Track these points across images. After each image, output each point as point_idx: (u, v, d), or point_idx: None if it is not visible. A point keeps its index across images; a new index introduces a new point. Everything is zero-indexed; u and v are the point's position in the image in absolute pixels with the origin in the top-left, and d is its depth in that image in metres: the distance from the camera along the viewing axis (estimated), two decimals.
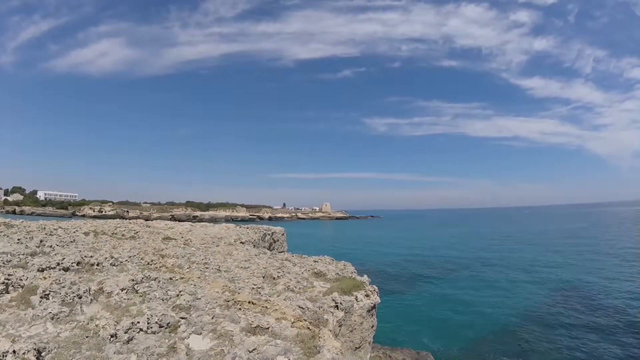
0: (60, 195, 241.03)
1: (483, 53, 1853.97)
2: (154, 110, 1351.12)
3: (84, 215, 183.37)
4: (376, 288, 12.45)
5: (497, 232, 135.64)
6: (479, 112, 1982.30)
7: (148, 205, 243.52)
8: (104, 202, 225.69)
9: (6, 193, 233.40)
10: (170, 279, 9.08)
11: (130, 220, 23.55)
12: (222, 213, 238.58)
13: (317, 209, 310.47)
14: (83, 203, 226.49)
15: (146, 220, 25.62)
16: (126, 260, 10.59)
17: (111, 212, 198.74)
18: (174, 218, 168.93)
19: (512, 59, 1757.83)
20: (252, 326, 6.54)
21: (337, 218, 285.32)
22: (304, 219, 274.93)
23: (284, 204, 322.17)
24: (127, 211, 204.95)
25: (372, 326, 12.10)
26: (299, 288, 10.71)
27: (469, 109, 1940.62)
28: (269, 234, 26.24)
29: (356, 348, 11.16)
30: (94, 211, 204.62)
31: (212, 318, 6.78)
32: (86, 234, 15.72)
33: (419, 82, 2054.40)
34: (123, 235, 16.97)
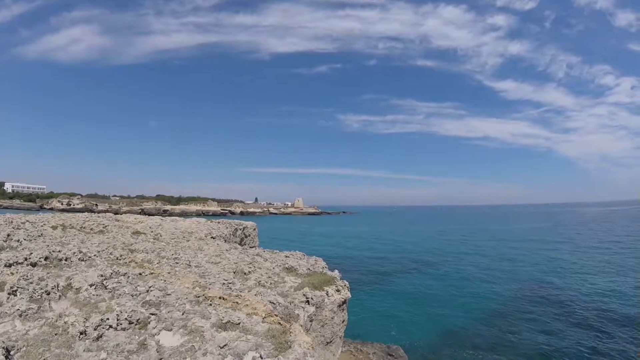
0: (28, 188, 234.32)
1: (458, 54, 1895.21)
2: (125, 101, 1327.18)
3: (52, 209, 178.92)
4: (347, 283, 12.67)
5: (466, 229, 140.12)
6: (451, 112, 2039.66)
7: (117, 198, 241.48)
8: (72, 195, 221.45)
9: None
10: (140, 274, 9.02)
11: (99, 214, 23.14)
12: (193, 207, 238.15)
13: (290, 204, 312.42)
14: (51, 196, 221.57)
15: (115, 214, 25.24)
16: (95, 255, 10.46)
17: (80, 205, 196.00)
18: (143, 212, 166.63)
19: (486, 61, 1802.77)
20: (223, 322, 6.60)
21: (309, 213, 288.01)
22: (276, 214, 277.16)
23: (256, 199, 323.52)
24: (96, 204, 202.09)
25: (343, 321, 12.31)
26: (270, 283, 10.83)
27: (442, 108, 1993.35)
28: (240, 229, 26.19)
29: (327, 343, 11.35)
30: (62, 204, 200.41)
31: (183, 314, 6.80)
32: (54, 227, 15.39)
33: (394, 80, 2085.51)
34: (92, 229, 16.68)
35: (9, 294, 6.53)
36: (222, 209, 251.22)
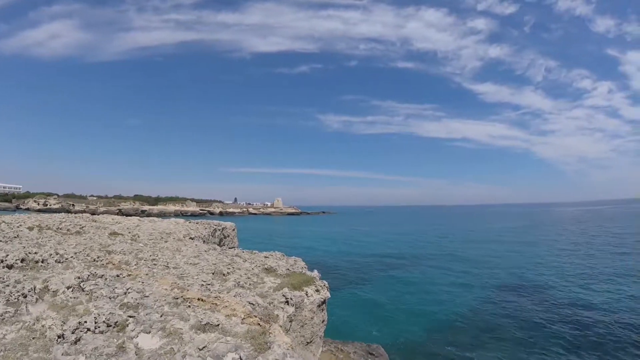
0: (4, 188, 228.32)
1: (439, 57, 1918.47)
2: (104, 98, 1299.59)
3: (28, 209, 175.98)
4: (326, 283, 12.83)
5: (444, 229, 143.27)
6: (430, 114, 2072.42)
7: (95, 198, 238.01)
8: (49, 194, 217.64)
9: None
10: (118, 276, 9.01)
11: (76, 215, 22.87)
12: (171, 207, 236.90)
13: (269, 204, 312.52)
14: (27, 196, 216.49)
15: (92, 214, 24.97)
16: (72, 257, 10.41)
17: (56, 206, 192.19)
18: (121, 212, 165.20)
19: (466, 64, 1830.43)
20: (202, 323, 6.64)
21: (289, 214, 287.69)
22: (255, 214, 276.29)
23: (236, 199, 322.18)
24: (73, 204, 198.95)
25: (323, 321, 12.46)
26: (250, 284, 10.91)
27: (422, 110, 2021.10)
28: (219, 230, 26.16)
29: (307, 343, 11.46)
30: (38, 204, 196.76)
31: (161, 316, 6.83)
32: (30, 228, 15.23)
33: (374, 81, 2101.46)
34: (68, 230, 16.53)
35: None
36: (201, 210, 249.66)
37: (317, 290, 12.01)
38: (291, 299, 10.44)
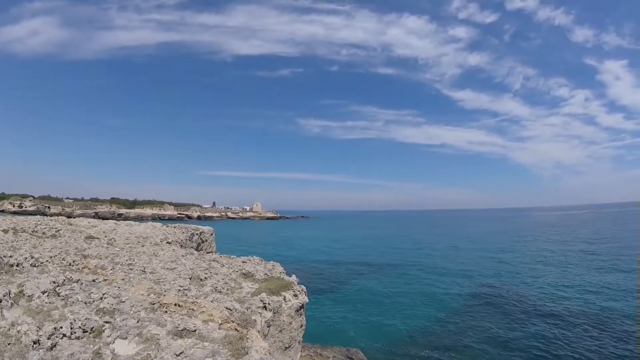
0: None
1: (419, 63, 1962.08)
2: (81, 98, 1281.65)
3: (2, 211, 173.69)
4: (304, 288, 12.95)
5: (421, 233, 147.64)
6: (410, 120, 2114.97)
7: (71, 201, 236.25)
8: (24, 196, 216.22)
9: None
10: (93, 280, 8.97)
11: (52, 217, 22.50)
12: (148, 211, 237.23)
13: (248, 208, 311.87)
14: (2, 197, 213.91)
15: (68, 217, 24.62)
16: (47, 261, 10.29)
17: (32, 208, 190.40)
18: (97, 215, 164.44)
19: (446, 71, 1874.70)
20: (179, 329, 6.65)
21: (268, 218, 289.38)
22: (234, 218, 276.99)
23: (214, 203, 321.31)
24: (49, 207, 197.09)
25: (301, 325, 12.55)
26: (227, 289, 10.95)
27: (401, 115, 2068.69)
28: (197, 234, 26.03)
29: (286, 348, 11.53)
30: (13, 206, 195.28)
31: (138, 322, 6.82)
32: (5, 231, 14.97)
33: (354, 86, 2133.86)
34: (44, 233, 16.29)
35: None
36: (178, 213, 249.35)
37: (295, 295, 12.11)
38: (269, 303, 10.47)
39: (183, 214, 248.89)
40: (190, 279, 11.34)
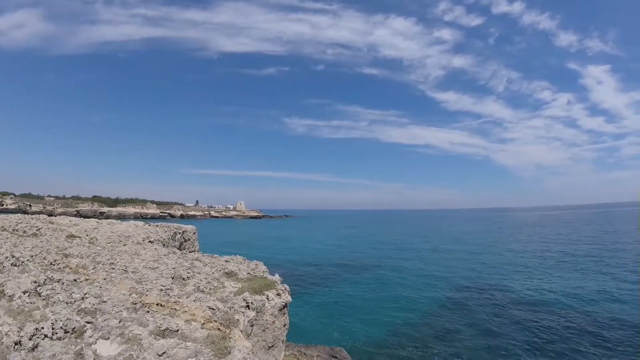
0: None
1: (404, 64, 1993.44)
2: (64, 93, 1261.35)
3: None
4: (287, 287, 13.05)
5: (404, 232, 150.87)
6: (394, 120, 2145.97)
7: (52, 199, 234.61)
8: (5, 194, 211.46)
9: None
10: (75, 280, 8.96)
11: (33, 216, 22.33)
12: (130, 210, 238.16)
13: (231, 207, 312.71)
14: None
15: (50, 215, 24.42)
16: (28, 260, 10.24)
17: (13, 206, 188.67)
18: (79, 214, 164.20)
19: (430, 72, 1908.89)
20: (161, 329, 6.66)
21: (252, 217, 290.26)
22: (217, 217, 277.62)
23: (197, 202, 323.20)
24: (30, 205, 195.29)
25: (285, 325, 12.63)
26: (210, 288, 11.00)
27: (386, 116, 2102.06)
28: (179, 233, 25.95)
29: (269, 347, 11.58)
30: None
31: (120, 322, 6.81)
32: None
33: (340, 86, 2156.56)
34: (25, 232, 16.17)
35: None
36: (161, 212, 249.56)
37: (279, 294, 12.19)
38: (252, 303, 10.54)
39: (166, 213, 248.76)
40: (172, 278, 11.37)
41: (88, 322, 6.67)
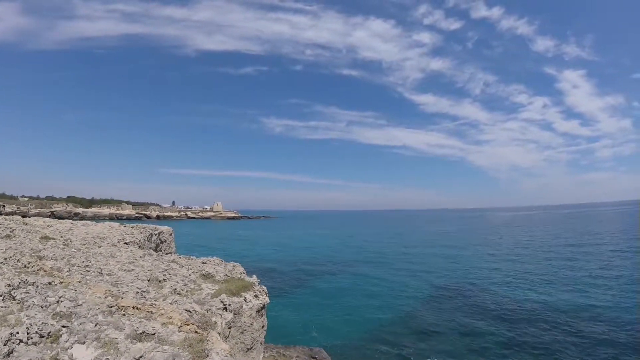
0: None
1: (383, 66, 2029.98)
2: (38, 90, 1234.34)
3: None
4: (265, 288, 13.20)
5: (381, 232, 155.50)
6: (372, 121, 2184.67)
7: (26, 199, 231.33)
8: None
9: None
10: (49, 283, 8.87)
11: (6, 217, 22.04)
12: (106, 210, 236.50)
13: (208, 208, 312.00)
14: None
15: (23, 216, 24.10)
16: (1, 263, 10.20)
17: None
18: (53, 215, 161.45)
19: (409, 75, 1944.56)
20: (138, 332, 6.67)
21: (229, 218, 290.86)
22: (194, 218, 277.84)
23: (173, 202, 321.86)
24: (3, 206, 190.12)
25: (263, 326, 12.75)
26: (186, 291, 11.06)
27: (364, 117, 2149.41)
28: (155, 234, 25.86)
29: (248, 349, 11.68)
30: None
31: (96, 325, 6.80)
32: None
33: (318, 87, 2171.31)
34: None
35: None
36: (137, 213, 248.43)
37: (256, 296, 12.32)
38: (229, 305, 10.63)
39: (141, 214, 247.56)
40: (148, 280, 11.39)
41: (64, 326, 6.64)
